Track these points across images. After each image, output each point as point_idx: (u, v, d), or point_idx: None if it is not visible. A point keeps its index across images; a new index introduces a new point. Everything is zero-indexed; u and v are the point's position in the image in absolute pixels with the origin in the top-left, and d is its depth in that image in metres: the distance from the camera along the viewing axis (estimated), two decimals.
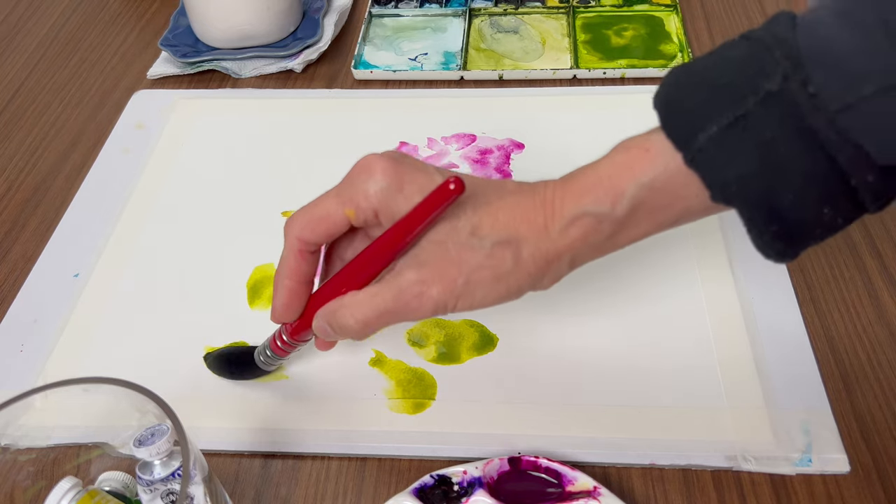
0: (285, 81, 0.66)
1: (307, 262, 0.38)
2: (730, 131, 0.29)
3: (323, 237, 0.37)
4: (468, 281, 0.34)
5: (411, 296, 0.34)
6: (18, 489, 0.35)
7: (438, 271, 0.34)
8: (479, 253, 0.33)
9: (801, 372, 0.43)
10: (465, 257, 0.34)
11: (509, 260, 0.33)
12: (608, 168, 0.33)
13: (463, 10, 0.71)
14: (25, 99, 0.67)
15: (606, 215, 0.33)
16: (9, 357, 0.47)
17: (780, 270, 0.48)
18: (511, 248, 0.33)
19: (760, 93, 0.29)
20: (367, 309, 0.35)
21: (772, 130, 0.29)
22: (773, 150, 0.29)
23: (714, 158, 0.30)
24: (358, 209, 0.35)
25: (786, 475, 0.39)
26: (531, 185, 0.35)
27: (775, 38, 0.29)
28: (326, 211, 0.36)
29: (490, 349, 0.46)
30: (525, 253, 0.34)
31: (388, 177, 0.35)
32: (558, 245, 0.33)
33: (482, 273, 0.33)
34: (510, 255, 0.33)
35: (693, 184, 0.31)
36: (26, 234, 0.55)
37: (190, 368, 0.46)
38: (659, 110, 0.32)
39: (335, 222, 0.36)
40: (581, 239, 0.33)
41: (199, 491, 0.31)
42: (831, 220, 0.30)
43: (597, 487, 0.37)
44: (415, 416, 0.43)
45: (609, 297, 0.47)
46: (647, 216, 0.33)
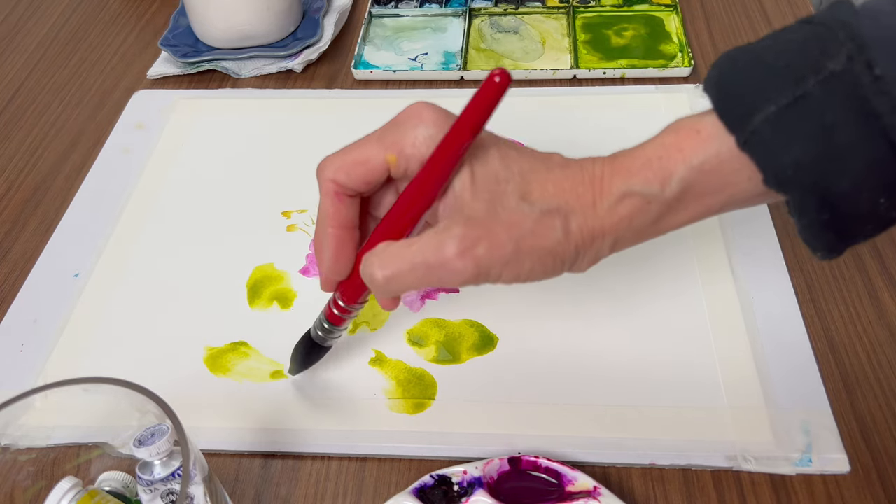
0: (285, 81, 0.66)
1: (346, 206, 0.35)
2: (788, 112, 0.28)
3: (359, 183, 0.34)
4: (518, 248, 0.32)
5: (453, 252, 0.31)
6: (18, 489, 0.35)
7: (487, 230, 0.31)
8: (528, 219, 0.32)
9: (801, 372, 0.43)
10: (516, 221, 0.32)
11: (559, 230, 0.32)
12: (658, 149, 0.32)
13: (463, 10, 0.71)
14: (25, 99, 0.68)
15: (655, 196, 0.32)
16: (9, 357, 0.47)
17: (780, 270, 0.48)
18: (560, 218, 0.32)
19: (823, 73, 0.27)
20: (399, 261, 0.32)
21: (833, 113, 0.27)
22: (832, 134, 0.28)
23: (769, 141, 0.29)
24: (401, 156, 0.33)
25: (786, 475, 0.39)
26: (578, 161, 0.34)
27: (838, 21, 0.28)
28: (365, 154, 0.34)
29: (490, 349, 0.46)
30: (573, 225, 0.32)
31: (438, 126, 0.33)
32: (605, 223, 0.32)
33: (531, 241, 0.32)
34: (559, 225, 0.32)
35: (745, 168, 0.30)
36: (26, 234, 0.55)
37: (190, 368, 0.46)
38: (711, 92, 0.31)
39: (373, 168, 0.34)
40: (627, 218, 0.32)
41: (199, 491, 0.31)
42: (887, 211, 0.29)
43: (597, 487, 0.37)
44: (415, 416, 0.43)
45: (609, 298, 0.47)
46: (696, 200, 0.32)
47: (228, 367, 0.46)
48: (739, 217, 0.51)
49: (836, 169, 0.28)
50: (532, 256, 0.32)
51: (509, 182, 0.33)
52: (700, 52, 0.66)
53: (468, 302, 0.48)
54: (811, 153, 0.28)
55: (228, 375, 0.45)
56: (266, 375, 0.45)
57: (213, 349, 0.47)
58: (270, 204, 0.55)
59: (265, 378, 0.45)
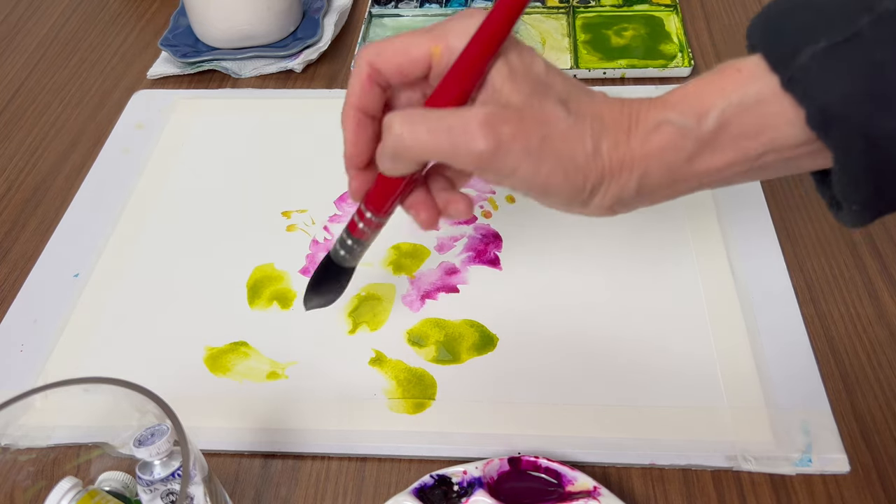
0: (285, 81, 0.66)
1: (373, 94, 0.34)
2: (836, 51, 0.27)
3: (393, 71, 0.34)
4: (542, 145, 0.30)
5: (478, 122, 0.30)
6: (18, 489, 0.35)
7: (518, 117, 0.31)
8: (562, 121, 0.31)
9: (801, 372, 0.43)
10: (549, 119, 0.31)
11: (589, 143, 0.31)
12: (698, 86, 0.31)
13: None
14: (25, 99, 0.68)
15: (690, 129, 0.31)
16: (9, 357, 0.47)
17: (780, 270, 0.48)
18: (593, 133, 0.31)
19: (877, 10, 0.27)
20: (421, 118, 0.31)
21: (884, 51, 0.27)
22: (882, 73, 0.27)
23: (815, 78, 0.28)
24: (447, 48, 0.32)
25: (786, 475, 0.39)
26: (618, 98, 0.33)
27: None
28: (408, 44, 0.33)
29: (490, 349, 0.46)
30: (604, 146, 0.31)
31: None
32: (636, 152, 0.31)
33: (559, 143, 0.31)
34: (590, 140, 0.31)
35: (787, 111, 0.29)
36: (26, 234, 0.55)
37: (190, 368, 0.46)
38: (755, 35, 0.31)
39: (413, 58, 0.33)
40: (659, 151, 0.31)
41: (199, 491, 0.31)
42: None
43: (597, 487, 0.37)
44: (415, 416, 0.43)
45: (609, 298, 0.47)
46: (732, 142, 0.31)
47: (228, 367, 0.46)
48: (740, 217, 0.51)
49: (883, 109, 0.27)
50: (553, 159, 0.31)
51: (550, 88, 0.32)
52: (700, 52, 0.66)
53: (468, 302, 0.48)
54: (859, 90, 0.27)
55: (228, 375, 0.45)
56: (266, 375, 0.45)
57: (213, 349, 0.47)
58: (270, 204, 0.55)
59: (265, 378, 0.45)
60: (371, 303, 0.48)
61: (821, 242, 0.50)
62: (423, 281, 0.49)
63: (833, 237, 0.50)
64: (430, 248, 0.51)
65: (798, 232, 0.51)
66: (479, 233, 0.52)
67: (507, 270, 0.50)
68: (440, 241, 0.52)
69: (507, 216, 0.53)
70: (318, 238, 0.53)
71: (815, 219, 0.51)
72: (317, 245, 0.52)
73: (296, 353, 0.46)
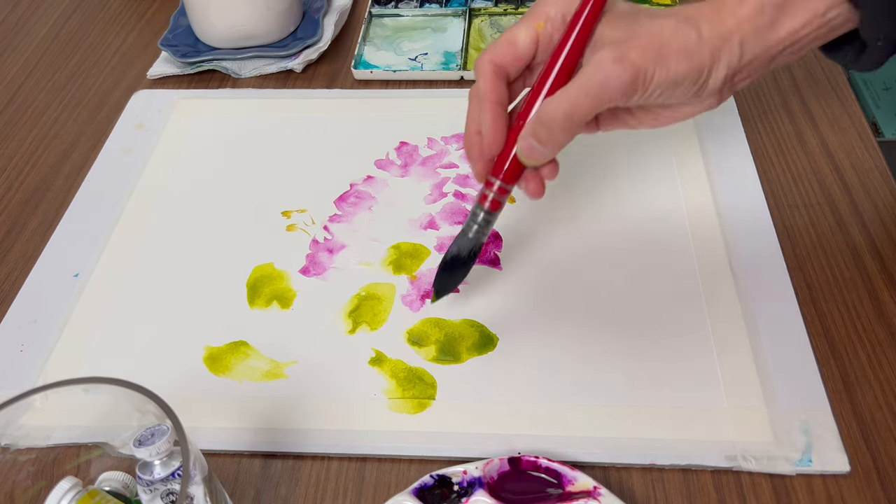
0: (285, 81, 0.66)
1: (501, 85, 0.39)
2: None
3: (511, 61, 0.39)
4: (661, 49, 0.35)
5: (610, 61, 0.35)
6: (18, 489, 0.35)
7: (633, 41, 0.36)
8: (665, 28, 0.36)
9: (801, 372, 0.43)
10: (655, 30, 0.36)
11: (693, 32, 0.36)
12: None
13: (463, 10, 0.71)
14: (25, 99, 0.68)
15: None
16: (9, 357, 0.47)
17: (780, 270, 0.48)
18: (692, 25, 0.36)
19: None
20: (571, 92, 0.36)
21: None
22: None
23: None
24: (547, 18, 0.38)
25: (786, 475, 0.39)
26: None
27: None
28: (513, 34, 0.39)
29: (490, 349, 0.46)
30: (704, 30, 0.36)
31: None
32: (730, 24, 0.36)
33: (672, 43, 0.36)
34: (692, 30, 0.36)
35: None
36: (26, 234, 0.55)
37: (190, 368, 0.46)
38: None
39: (523, 42, 0.39)
40: (749, 19, 0.36)
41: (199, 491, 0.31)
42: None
43: (597, 487, 0.37)
44: (415, 416, 0.43)
45: (609, 298, 0.48)
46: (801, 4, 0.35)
47: (228, 366, 0.46)
48: (740, 218, 0.51)
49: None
50: (676, 56, 0.36)
51: (639, 13, 0.37)
52: None
53: (468, 302, 0.48)
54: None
55: (228, 375, 0.45)
56: (266, 375, 0.45)
57: (213, 349, 0.47)
58: (270, 204, 0.55)
59: (265, 378, 0.45)
60: (371, 303, 0.49)
61: (821, 243, 0.50)
62: (424, 281, 0.49)
63: (833, 237, 0.50)
64: (430, 248, 0.51)
65: (798, 232, 0.51)
66: None
67: (507, 270, 0.50)
68: (440, 241, 0.52)
69: (507, 216, 0.53)
70: (318, 238, 0.53)
71: (815, 219, 0.51)
72: (317, 245, 0.52)
73: (296, 353, 0.46)
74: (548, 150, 0.39)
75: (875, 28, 0.35)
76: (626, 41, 0.36)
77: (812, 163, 0.55)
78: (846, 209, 0.52)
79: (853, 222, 0.51)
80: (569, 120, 0.36)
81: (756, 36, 0.36)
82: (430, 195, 0.55)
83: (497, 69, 0.39)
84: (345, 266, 0.51)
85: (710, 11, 0.37)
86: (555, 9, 0.38)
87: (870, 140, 0.56)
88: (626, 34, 0.36)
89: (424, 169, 0.57)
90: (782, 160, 0.56)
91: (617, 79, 0.35)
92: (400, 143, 0.59)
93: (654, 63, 0.35)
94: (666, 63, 0.36)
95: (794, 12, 0.36)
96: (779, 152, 0.56)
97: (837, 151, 0.56)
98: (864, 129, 0.57)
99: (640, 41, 0.36)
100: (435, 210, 0.54)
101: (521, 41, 0.39)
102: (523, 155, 0.39)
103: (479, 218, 0.42)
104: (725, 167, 0.55)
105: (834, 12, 0.36)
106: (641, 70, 0.35)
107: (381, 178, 0.57)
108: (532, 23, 0.39)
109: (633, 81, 0.35)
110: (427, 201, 0.55)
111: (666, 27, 0.36)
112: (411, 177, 0.57)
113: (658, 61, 0.35)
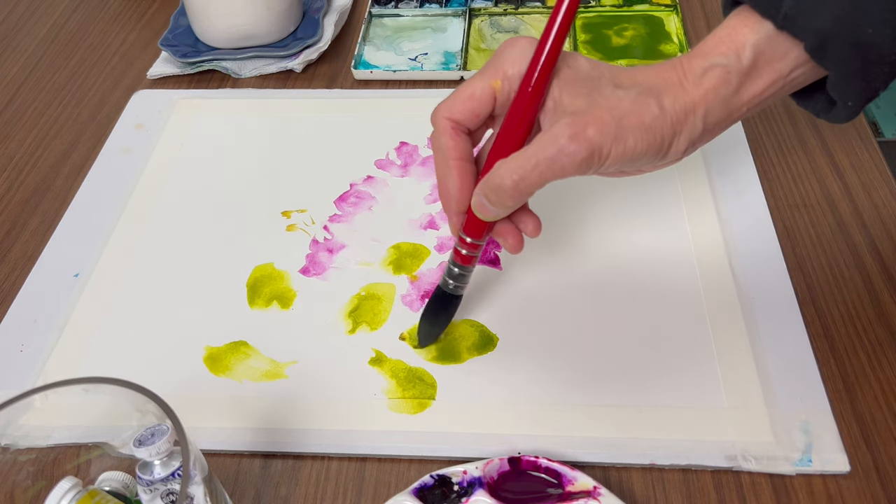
0: (285, 81, 0.66)
1: (462, 140, 0.39)
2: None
3: (469, 116, 0.38)
4: (620, 125, 0.35)
5: (566, 137, 0.34)
6: (18, 489, 0.35)
7: (591, 115, 0.35)
8: (625, 100, 0.35)
9: (801, 372, 0.43)
10: (614, 104, 0.35)
11: (654, 107, 0.35)
12: (726, 30, 0.36)
13: (463, 10, 0.71)
14: (25, 99, 0.68)
15: (733, 66, 0.35)
16: (9, 357, 0.47)
17: (780, 271, 0.48)
18: (654, 97, 0.35)
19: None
20: (521, 161, 0.35)
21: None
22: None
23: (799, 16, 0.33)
24: (504, 77, 0.37)
25: (786, 475, 0.39)
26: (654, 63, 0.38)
27: None
28: (471, 89, 0.38)
29: (490, 349, 0.46)
30: (666, 103, 0.35)
31: (531, 44, 0.37)
32: (694, 96, 0.36)
33: (632, 118, 0.35)
34: (654, 103, 0.35)
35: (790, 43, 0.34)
36: (26, 234, 0.55)
37: (190, 368, 0.46)
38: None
39: (479, 99, 0.38)
40: (713, 90, 0.35)
41: (199, 491, 0.31)
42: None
43: (597, 487, 0.37)
44: (415, 416, 0.43)
45: (609, 298, 0.48)
46: (767, 65, 0.35)
47: (228, 366, 0.46)
48: (740, 218, 0.51)
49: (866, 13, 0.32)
50: (634, 133, 0.35)
51: (601, 78, 0.36)
52: None
53: (468, 302, 0.48)
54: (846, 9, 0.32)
55: (228, 375, 0.45)
56: (266, 375, 0.45)
57: (213, 349, 0.47)
58: (270, 204, 0.55)
59: (265, 378, 0.45)
60: (371, 303, 0.49)
61: (821, 242, 0.50)
62: (423, 281, 0.49)
63: (833, 237, 0.50)
64: (430, 248, 0.51)
65: (798, 232, 0.51)
66: None
67: (507, 270, 0.50)
68: (440, 241, 0.52)
69: None
70: (318, 238, 0.53)
71: (815, 219, 0.51)
72: (317, 245, 0.52)
73: (296, 353, 0.46)
74: (498, 210, 0.38)
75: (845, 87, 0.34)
76: (583, 114, 0.35)
77: (812, 163, 0.55)
78: (846, 209, 0.52)
79: (853, 222, 0.51)
80: (516, 189, 0.36)
81: (720, 104, 0.36)
82: (430, 195, 0.55)
83: (455, 125, 0.39)
84: (345, 266, 0.51)
85: (673, 82, 0.36)
86: (513, 68, 0.37)
87: (870, 140, 0.57)
88: (584, 104, 0.35)
89: (424, 169, 0.57)
90: (782, 160, 0.56)
91: (571, 155, 0.34)
92: (400, 143, 0.59)
93: (611, 141, 0.34)
94: (623, 140, 0.35)
95: (760, 75, 0.35)
96: (779, 152, 0.56)
97: (837, 151, 0.56)
98: (864, 129, 0.57)
99: (599, 116, 0.35)
100: (435, 210, 0.54)
101: (480, 95, 0.38)
102: (476, 210, 0.39)
103: (454, 272, 0.42)
104: (725, 168, 0.55)
105: (798, 72, 0.35)
106: (597, 148, 0.34)
107: (381, 178, 0.57)
108: (489, 80, 0.38)
109: (587, 159, 0.34)
110: (427, 201, 0.55)
111: (625, 99, 0.35)
112: (411, 177, 0.57)
113: (616, 139, 0.34)
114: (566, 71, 0.36)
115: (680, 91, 0.36)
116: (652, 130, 0.35)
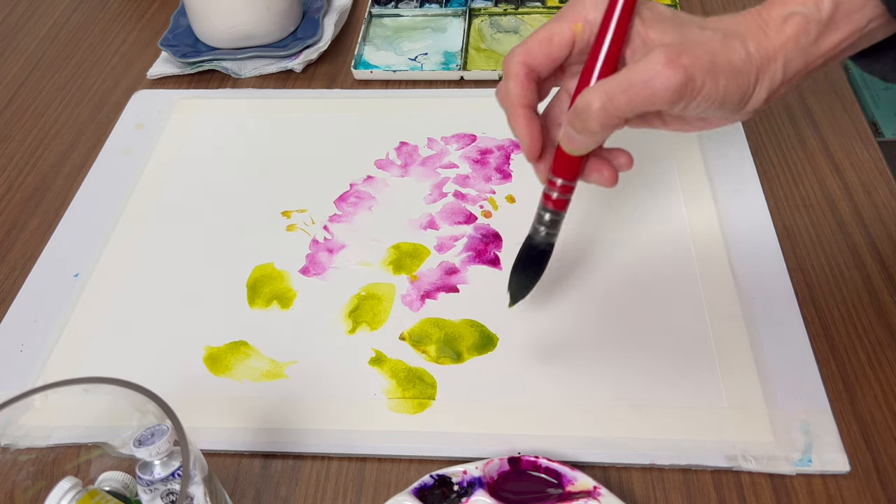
0: (285, 81, 0.66)
1: (531, 89, 0.38)
2: None
3: (544, 61, 0.37)
4: (713, 62, 0.34)
5: (662, 63, 0.33)
6: (18, 489, 0.35)
7: (685, 46, 0.34)
8: (714, 40, 0.34)
9: (801, 372, 0.43)
10: (705, 41, 0.34)
11: (741, 50, 0.35)
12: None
13: (463, 10, 0.71)
14: (25, 99, 0.68)
15: (812, 15, 0.35)
16: (9, 357, 0.47)
17: (780, 271, 0.48)
18: (739, 40, 0.35)
19: None
20: (612, 84, 0.34)
21: None
22: None
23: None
24: (585, 21, 0.36)
25: (786, 475, 0.39)
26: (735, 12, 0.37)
27: None
28: (549, 33, 0.37)
29: (490, 349, 0.46)
30: (751, 47, 0.35)
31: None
32: (775, 43, 0.35)
33: (723, 56, 0.34)
34: (741, 46, 0.35)
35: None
36: (26, 234, 0.55)
37: (190, 368, 0.46)
38: None
39: (558, 43, 0.37)
40: (794, 38, 0.35)
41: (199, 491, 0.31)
42: None
43: (597, 487, 0.37)
44: (415, 416, 0.43)
45: (609, 298, 0.47)
46: (845, 17, 0.35)
47: (228, 366, 0.46)
48: (740, 219, 0.51)
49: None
50: (725, 73, 0.34)
51: (686, 20, 0.36)
52: None
53: (468, 302, 0.48)
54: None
55: (228, 375, 0.45)
56: (266, 375, 0.45)
57: (213, 349, 0.47)
58: (270, 204, 0.55)
59: (265, 378, 0.45)
60: (371, 303, 0.49)
61: (821, 242, 0.50)
62: (423, 281, 0.50)
63: (833, 237, 0.50)
64: (430, 248, 0.51)
65: (798, 232, 0.51)
66: (479, 233, 0.52)
67: (507, 270, 0.50)
68: (440, 240, 0.52)
69: (507, 216, 0.53)
70: (318, 238, 0.53)
71: (815, 219, 0.51)
72: (317, 245, 0.52)
73: (296, 353, 0.46)
74: (587, 140, 0.36)
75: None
76: (678, 45, 0.34)
77: (812, 163, 0.55)
78: (846, 209, 0.52)
79: (853, 222, 0.51)
80: (603, 111, 0.34)
81: (799, 53, 0.35)
82: (430, 195, 0.55)
83: (529, 71, 0.37)
84: (345, 266, 0.51)
85: (754, 28, 0.35)
86: (595, 12, 0.36)
87: (870, 140, 0.57)
88: (676, 38, 0.35)
89: (424, 169, 0.57)
90: (782, 160, 0.56)
91: (665, 80, 0.33)
92: (400, 143, 0.59)
93: (705, 74, 0.34)
94: (716, 77, 0.34)
95: (838, 27, 0.35)
96: (779, 152, 0.56)
97: (837, 151, 0.56)
98: (864, 129, 0.57)
99: (693, 49, 0.34)
100: (435, 210, 0.54)
101: (559, 40, 0.37)
102: (564, 143, 0.37)
103: (545, 218, 0.40)
104: (725, 167, 0.55)
105: (875, 24, 0.35)
106: (691, 78, 0.33)
107: (381, 178, 0.57)
108: (569, 23, 0.36)
109: (680, 88, 0.33)
110: (427, 201, 0.55)
111: (714, 40, 0.34)
112: (411, 177, 0.57)
113: (710, 74, 0.34)
114: (648, 13, 0.36)
115: (763, 37, 0.35)
116: (741, 74, 0.35)
